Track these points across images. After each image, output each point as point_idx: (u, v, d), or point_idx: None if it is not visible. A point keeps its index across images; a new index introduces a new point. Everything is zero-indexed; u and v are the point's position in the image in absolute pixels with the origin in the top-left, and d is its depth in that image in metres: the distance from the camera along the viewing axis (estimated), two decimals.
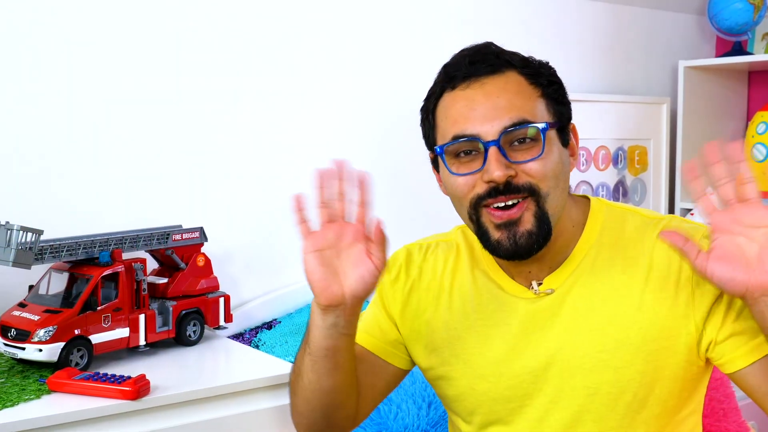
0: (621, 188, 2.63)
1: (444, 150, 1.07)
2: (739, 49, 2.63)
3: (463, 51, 1.09)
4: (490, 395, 1.12)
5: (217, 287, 1.70)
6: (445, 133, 1.07)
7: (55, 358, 1.39)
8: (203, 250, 1.70)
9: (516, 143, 1.03)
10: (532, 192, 1.03)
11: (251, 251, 1.94)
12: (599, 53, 2.59)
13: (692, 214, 2.56)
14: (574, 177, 2.48)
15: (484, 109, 1.03)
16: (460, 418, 1.19)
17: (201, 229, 1.69)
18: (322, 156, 2.03)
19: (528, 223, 1.03)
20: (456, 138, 1.04)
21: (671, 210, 2.72)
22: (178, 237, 1.64)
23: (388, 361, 1.21)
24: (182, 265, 1.65)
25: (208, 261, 1.69)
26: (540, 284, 1.10)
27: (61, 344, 1.40)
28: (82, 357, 1.43)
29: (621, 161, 2.62)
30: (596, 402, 1.07)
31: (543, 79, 1.07)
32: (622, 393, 1.06)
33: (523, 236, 1.03)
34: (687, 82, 2.62)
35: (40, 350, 1.38)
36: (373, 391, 1.22)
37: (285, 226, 2.00)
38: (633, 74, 2.69)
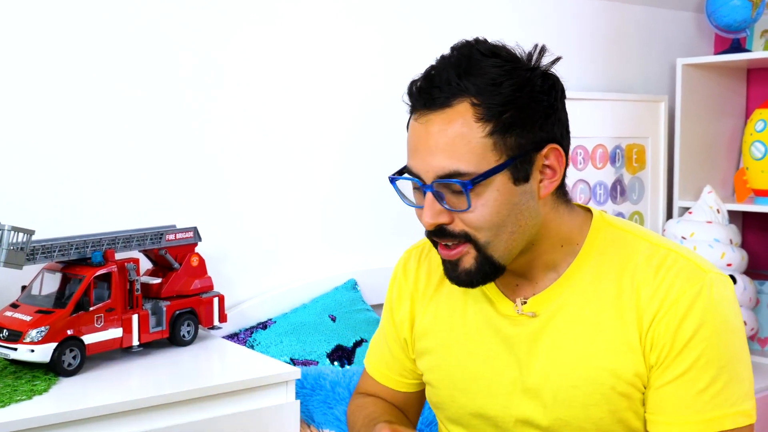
0: (619, 187, 2.62)
1: (393, 181, 1.05)
2: (737, 47, 2.62)
3: (434, 63, 1.01)
4: (467, 409, 1.12)
5: (211, 287, 1.69)
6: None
7: (47, 359, 1.39)
8: (197, 249, 1.69)
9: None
10: (468, 239, 0.99)
11: (246, 251, 1.93)
12: (597, 51, 2.58)
13: (690, 212, 2.55)
14: (571, 176, 2.47)
15: (423, 151, 0.98)
16: (442, 424, 1.20)
17: (195, 229, 1.68)
18: (318, 156, 2.04)
19: (467, 263, 1.01)
20: (406, 169, 1.02)
21: (669, 208, 2.70)
22: (171, 237, 1.63)
23: (413, 392, 1.25)
24: (176, 265, 1.64)
25: (202, 261, 1.68)
26: (524, 303, 1.07)
27: (54, 345, 1.39)
28: (74, 358, 1.42)
29: (619, 159, 2.61)
30: None
31: (506, 109, 0.95)
32: (596, 428, 1.03)
33: (462, 273, 1.02)
34: (685, 79, 2.60)
35: (32, 351, 1.38)
36: (417, 413, 1.28)
37: (279, 226, 2.00)
38: (631, 72, 2.68)
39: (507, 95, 0.96)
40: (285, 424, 1.47)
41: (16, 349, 1.38)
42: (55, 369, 1.40)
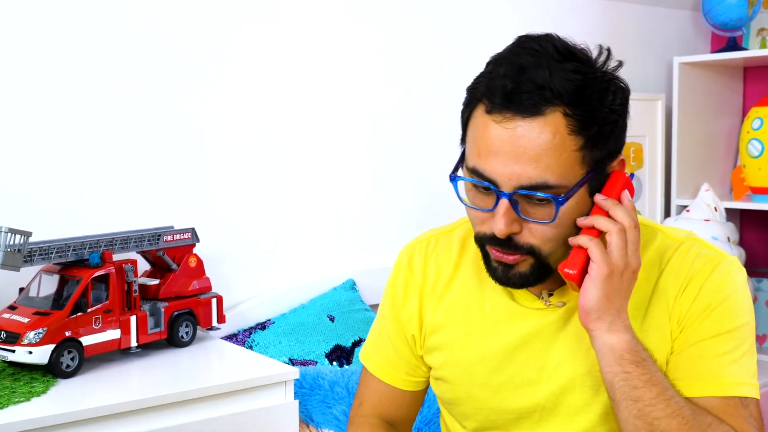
0: None
1: (456, 181, 1.01)
2: (734, 45, 2.63)
3: (511, 58, 0.96)
4: (487, 404, 1.11)
5: (209, 288, 1.69)
6: (469, 154, 0.99)
7: (45, 361, 1.38)
8: (195, 250, 1.69)
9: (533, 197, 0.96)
10: (531, 252, 0.99)
11: (244, 252, 1.93)
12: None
13: (688, 211, 2.55)
14: None
15: (507, 157, 0.93)
16: (455, 420, 1.18)
17: (193, 230, 1.68)
18: (315, 155, 2.04)
19: (523, 268, 1.01)
20: (474, 171, 0.97)
21: (667, 207, 2.71)
22: (169, 238, 1.63)
23: (417, 390, 1.23)
24: (174, 266, 1.64)
25: (200, 262, 1.68)
26: (551, 295, 1.08)
27: (52, 346, 1.38)
28: (72, 359, 1.42)
29: None
30: (594, 419, 1.06)
31: (594, 122, 0.93)
32: None
33: (515, 276, 1.02)
34: (682, 78, 2.61)
35: (30, 353, 1.37)
36: (415, 412, 1.27)
37: (278, 227, 2.00)
38: (628, 71, 2.61)
39: (596, 108, 0.94)
40: (284, 424, 1.47)
41: (14, 351, 1.38)
42: (53, 371, 1.40)
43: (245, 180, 1.93)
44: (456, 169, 1.02)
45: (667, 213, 2.71)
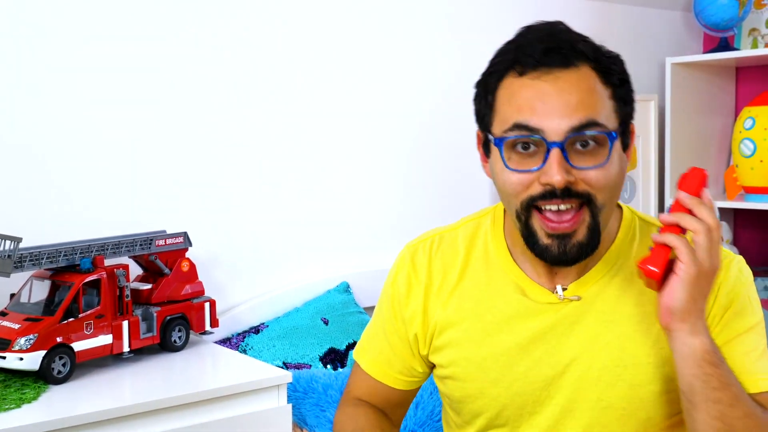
0: None
1: (503, 141, 1.00)
2: (725, 45, 2.63)
3: (532, 31, 1.04)
4: (500, 400, 1.10)
5: (202, 292, 1.69)
6: (506, 118, 1.00)
7: (36, 367, 1.38)
8: (188, 254, 1.68)
9: (579, 146, 0.98)
10: (588, 200, 0.99)
11: (237, 255, 1.93)
12: None
13: None
14: None
15: (553, 105, 0.97)
16: (461, 418, 1.17)
17: (185, 234, 1.67)
18: (308, 159, 2.03)
19: (581, 235, 1.00)
20: (517, 126, 0.98)
21: (660, 207, 2.71)
22: (161, 242, 1.62)
23: (410, 389, 1.22)
24: (166, 270, 1.63)
25: (192, 266, 1.67)
26: (565, 289, 1.07)
27: (43, 352, 1.38)
28: (64, 365, 1.41)
29: None
30: (609, 416, 1.06)
31: (615, 77, 1.01)
32: (636, 410, 1.04)
33: (574, 247, 1.01)
34: (674, 78, 2.61)
35: (21, 359, 1.36)
36: (403, 412, 1.26)
37: (271, 230, 1.99)
38: None
39: (613, 67, 1.01)
40: (277, 428, 1.46)
41: (4, 358, 1.37)
42: (44, 377, 1.39)
43: (238, 184, 1.93)
44: (486, 152, 1.06)
45: (660, 213, 2.71)
